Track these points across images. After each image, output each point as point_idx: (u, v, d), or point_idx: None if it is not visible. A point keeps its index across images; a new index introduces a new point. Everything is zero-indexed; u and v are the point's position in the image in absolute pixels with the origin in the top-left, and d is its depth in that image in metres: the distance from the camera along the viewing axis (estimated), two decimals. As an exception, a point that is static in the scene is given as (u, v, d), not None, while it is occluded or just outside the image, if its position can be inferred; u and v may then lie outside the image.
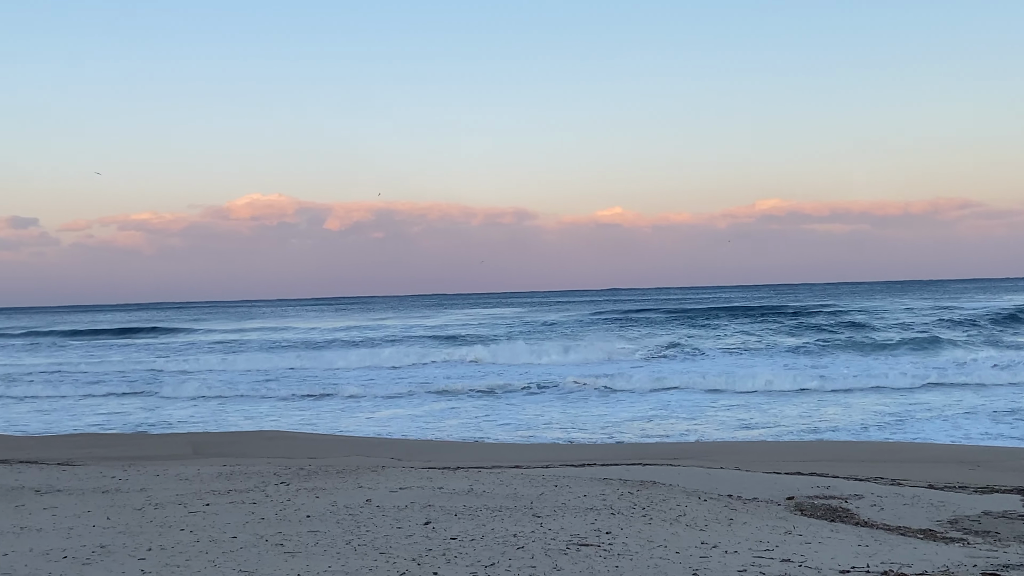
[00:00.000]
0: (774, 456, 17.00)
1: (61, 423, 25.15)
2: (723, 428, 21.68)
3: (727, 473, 14.03)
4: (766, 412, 23.86)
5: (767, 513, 10.53)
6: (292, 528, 9.50)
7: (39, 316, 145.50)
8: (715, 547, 8.57)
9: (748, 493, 12.00)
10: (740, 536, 9.12)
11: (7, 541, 9.10)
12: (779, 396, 26.92)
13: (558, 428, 22.17)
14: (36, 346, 61.93)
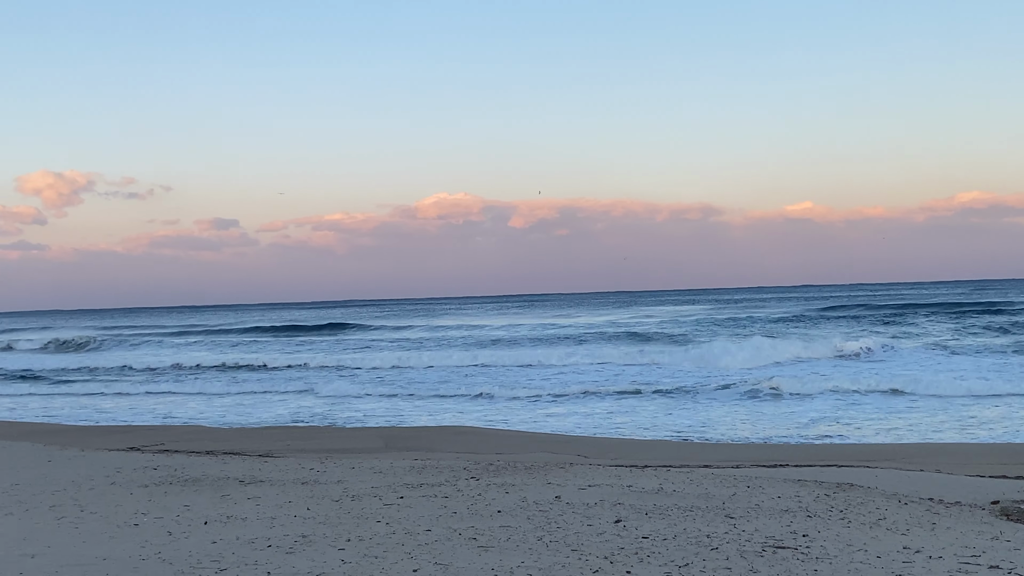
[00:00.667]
0: (975, 458, 16.28)
1: (256, 415, 26.20)
2: (918, 430, 20.89)
3: (926, 476, 13.52)
4: (964, 414, 22.87)
5: (971, 518, 10.09)
6: (484, 523, 9.63)
7: (240, 313, 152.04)
8: (918, 552, 8.27)
9: (950, 497, 11.53)
10: (944, 541, 8.76)
11: (215, 529, 9.54)
12: (981, 398, 25.76)
13: (745, 428, 21.80)
14: (236, 343, 64.69)
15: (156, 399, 31.86)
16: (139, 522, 9.96)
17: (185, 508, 10.81)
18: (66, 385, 38.20)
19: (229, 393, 32.94)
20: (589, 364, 39.66)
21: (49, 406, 30.64)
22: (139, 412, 27.86)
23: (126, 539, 9.08)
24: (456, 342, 53.99)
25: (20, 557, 8.31)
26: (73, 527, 9.76)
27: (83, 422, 25.46)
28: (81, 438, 20.04)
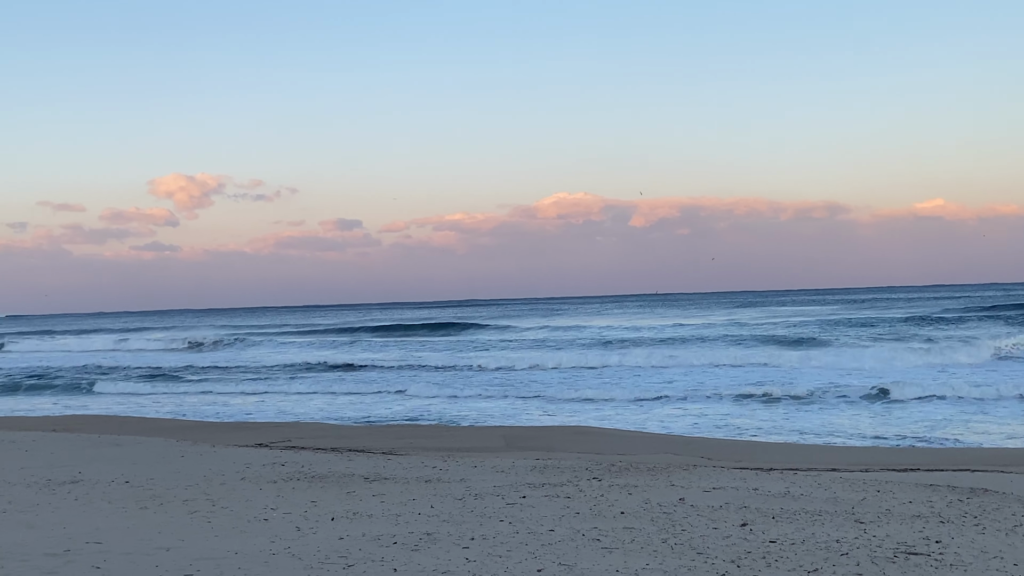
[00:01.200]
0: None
1: (377, 413, 26.57)
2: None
3: (1068, 483, 13.02)
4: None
5: (1118, 528, 9.68)
6: (607, 524, 9.61)
7: (361, 312, 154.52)
8: (1061, 563, 7.97)
9: (1093, 505, 11.08)
10: (1089, 552, 8.42)
11: (342, 525, 9.71)
12: None
13: (873, 431, 21.30)
14: (357, 342, 65.73)
15: (281, 396, 32.56)
16: (268, 517, 10.20)
17: (312, 504, 11.03)
18: (194, 383, 39.30)
19: (351, 392, 33.47)
20: (710, 365, 39.25)
21: (181, 403, 31.59)
22: (265, 409, 28.51)
23: (256, 534, 9.30)
24: (575, 342, 53.89)
25: (156, 550, 8.58)
26: (205, 521, 10.04)
27: (212, 419, 26.18)
28: (212, 434, 20.60)
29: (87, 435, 19.82)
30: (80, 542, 8.90)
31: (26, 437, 19.16)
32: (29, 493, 12.08)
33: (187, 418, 26.54)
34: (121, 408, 30.11)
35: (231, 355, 55.34)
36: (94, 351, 65.01)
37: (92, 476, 13.54)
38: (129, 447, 17.43)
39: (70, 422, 24.42)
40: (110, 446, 17.59)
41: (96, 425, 23.39)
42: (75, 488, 12.47)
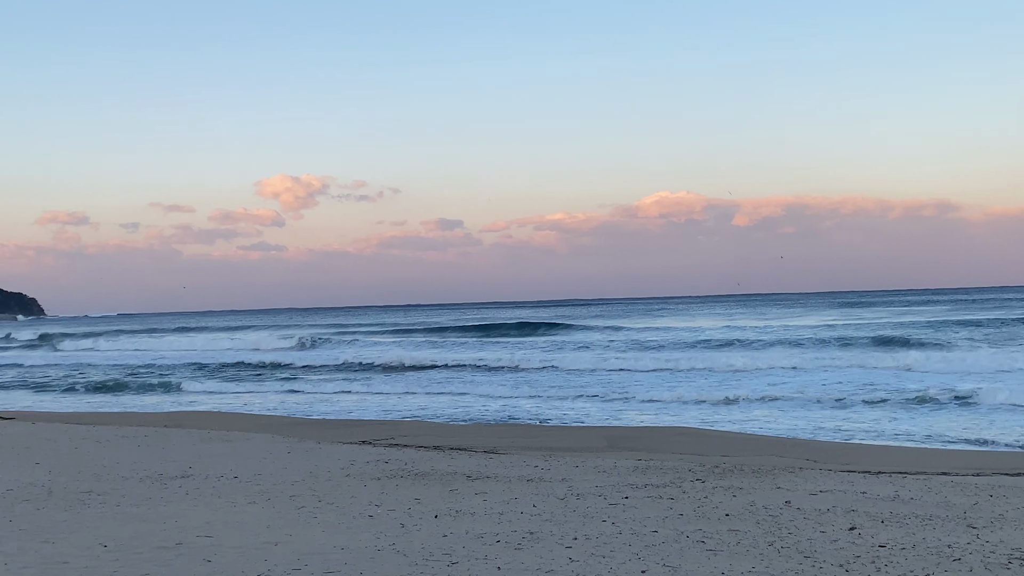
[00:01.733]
0: None
1: (476, 411, 26.68)
2: None
3: None
4: None
5: None
6: (711, 526, 9.53)
7: (461, 312, 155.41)
8: None
9: None
10: None
11: (445, 523, 9.78)
12: None
13: (985, 435, 20.71)
14: (456, 342, 66.15)
15: (382, 395, 32.91)
16: (373, 514, 10.33)
17: (416, 501, 11.14)
18: (297, 381, 39.96)
19: (450, 392, 33.70)
20: (814, 367, 38.59)
21: (284, 400, 32.14)
22: (367, 407, 28.85)
23: (362, 530, 9.43)
24: (676, 343, 53.43)
25: (264, 544, 8.75)
26: (312, 517, 10.21)
27: (316, 416, 26.58)
28: (316, 431, 20.94)
29: (197, 431, 20.29)
30: (191, 535, 9.11)
31: (138, 432, 19.70)
32: (142, 487, 12.42)
33: (292, 415, 27.00)
34: (227, 405, 30.75)
35: (332, 353, 56.04)
36: (200, 349, 66.38)
37: (202, 471, 13.87)
38: (237, 443, 17.81)
39: (180, 418, 25.04)
40: (219, 442, 17.99)
41: (205, 421, 23.95)
42: (186, 483, 12.79)
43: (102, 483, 12.79)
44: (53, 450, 16.93)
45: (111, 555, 8.24)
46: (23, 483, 12.72)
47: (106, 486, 12.50)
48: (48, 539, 8.93)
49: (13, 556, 8.19)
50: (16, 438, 18.85)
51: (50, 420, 24.25)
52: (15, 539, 8.93)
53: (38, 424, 22.36)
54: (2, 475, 13.62)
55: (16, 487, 12.38)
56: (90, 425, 22.00)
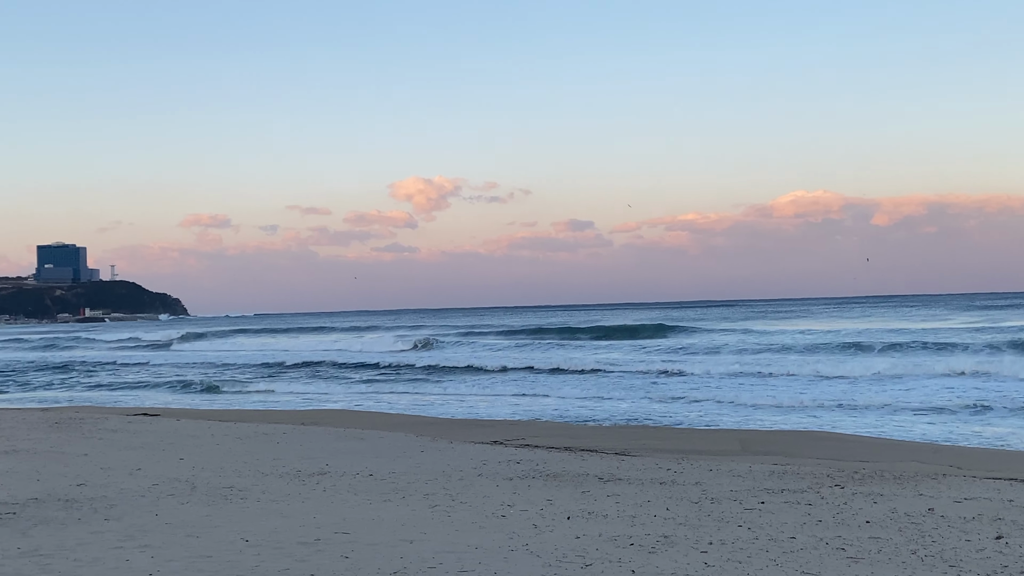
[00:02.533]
0: None
1: (603, 413, 26.54)
2: None
3: None
4: None
5: None
6: (851, 533, 9.30)
7: (590, 313, 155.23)
8: None
9: None
10: None
11: (578, 525, 9.77)
12: None
13: None
14: (580, 344, 66.08)
15: (510, 396, 33.04)
16: (506, 514, 10.38)
17: (548, 502, 11.15)
18: (424, 383, 40.44)
19: (580, 395, 33.63)
20: (954, 372, 37.36)
21: (416, 400, 32.52)
22: (496, 407, 28.99)
23: (495, 529, 9.48)
24: (812, 347, 52.27)
25: (400, 542, 8.86)
26: (446, 515, 10.30)
27: (446, 416, 26.83)
28: (449, 431, 21.13)
29: (333, 428, 20.70)
30: (329, 531, 9.29)
31: (277, 430, 20.18)
32: (281, 483, 12.72)
33: (423, 415, 27.31)
34: (353, 404, 31.25)
35: (458, 354, 56.54)
36: (325, 349, 67.34)
37: (338, 468, 14.14)
38: (372, 441, 18.11)
39: (317, 416, 25.56)
40: (354, 440, 18.32)
41: (340, 419, 24.39)
42: (323, 479, 13.05)
43: (243, 479, 13.14)
44: (196, 446, 17.47)
45: (253, 550, 8.45)
46: (168, 478, 13.15)
47: (247, 482, 12.84)
48: (192, 533, 9.20)
49: (159, 549, 8.46)
50: (161, 434, 19.51)
51: (193, 417, 25.03)
52: (161, 533, 9.23)
53: (182, 421, 23.10)
54: (148, 470, 14.11)
55: (161, 482, 12.80)
56: (231, 422, 22.63)
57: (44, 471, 14.05)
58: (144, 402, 33.69)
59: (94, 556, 8.11)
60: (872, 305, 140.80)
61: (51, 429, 20.68)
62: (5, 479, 13.19)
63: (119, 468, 14.38)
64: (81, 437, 19.05)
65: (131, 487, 12.31)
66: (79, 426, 21.24)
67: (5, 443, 17.28)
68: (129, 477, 13.37)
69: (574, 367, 44.47)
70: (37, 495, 11.53)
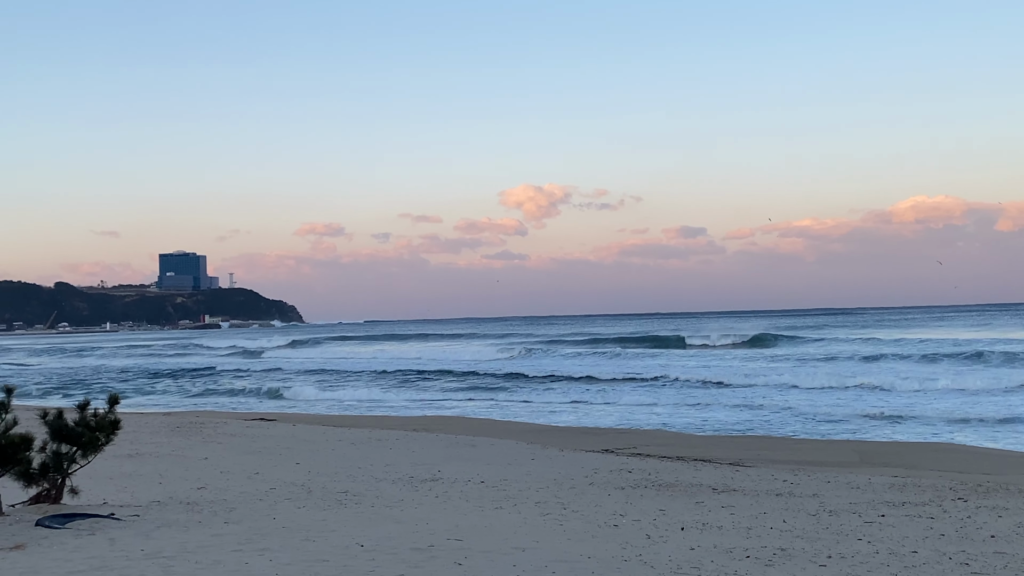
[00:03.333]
0: None
1: (713, 422, 26.19)
2: None
3: None
4: None
5: None
6: (976, 548, 9.02)
7: (699, 320, 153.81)
8: None
9: None
10: None
11: (692, 536, 9.65)
12: None
13: None
14: (684, 354, 65.48)
15: (619, 405, 32.83)
16: (618, 523, 10.31)
17: (661, 512, 11.05)
18: (526, 391, 40.48)
19: (689, 403, 33.30)
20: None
21: (524, 408, 32.54)
22: (604, 415, 28.84)
23: (607, 539, 9.42)
24: (934, 356, 50.87)
25: (512, 550, 8.86)
26: (558, 524, 10.28)
27: (559, 424, 26.79)
28: (559, 439, 21.11)
29: (444, 435, 20.85)
30: (442, 538, 9.34)
31: (390, 436, 20.41)
32: (394, 489, 12.84)
33: (533, 422, 27.32)
34: (457, 411, 31.42)
35: (564, 362, 56.47)
36: (427, 358, 67.52)
37: (450, 475, 14.22)
38: (483, 448, 18.18)
39: (428, 423, 25.78)
40: (465, 447, 18.42)
41: (451, 426, 24.57)
42: (435, 486, 13.14)
43: (357, 484, 13.31)
44: (311, 451, 17.77)
45: (367, 555, 8.53)
46: (285, 482, 13.38)
47: (361, 487, 13.00)
48: (309, 537, 9.34)
49: (276, 552, 8.60)
50: (278, 439, 19.89)
51: (308, 422, 25.45)
52: (278, 536, 9.38)
53: (298, 426, 23.53)
54: (266, 474, 14.39)
55: (279, 486, 13.04)
56: (344, 428, 22.97)
57: (166, 474, 14.43)
58: (250, 408, 34.39)
59: (214, 559, 8.28)
60: (995, 314, 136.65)
61: (172, 433, 21.24)
62: (129, 481, 13.58)
63: (238, 472, 14.69)
64: (201, 441, 19.53)
65: (249, 491, 12.56)
66: (199, 430, 21.79)
67: (129, 446, 17.78)
68: (247, 481, 13.64)
69: (683, 376, 44.04)
70: (159, 498, 11.84)
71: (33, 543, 8.68)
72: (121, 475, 14.33)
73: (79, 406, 10.95)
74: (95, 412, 10.89)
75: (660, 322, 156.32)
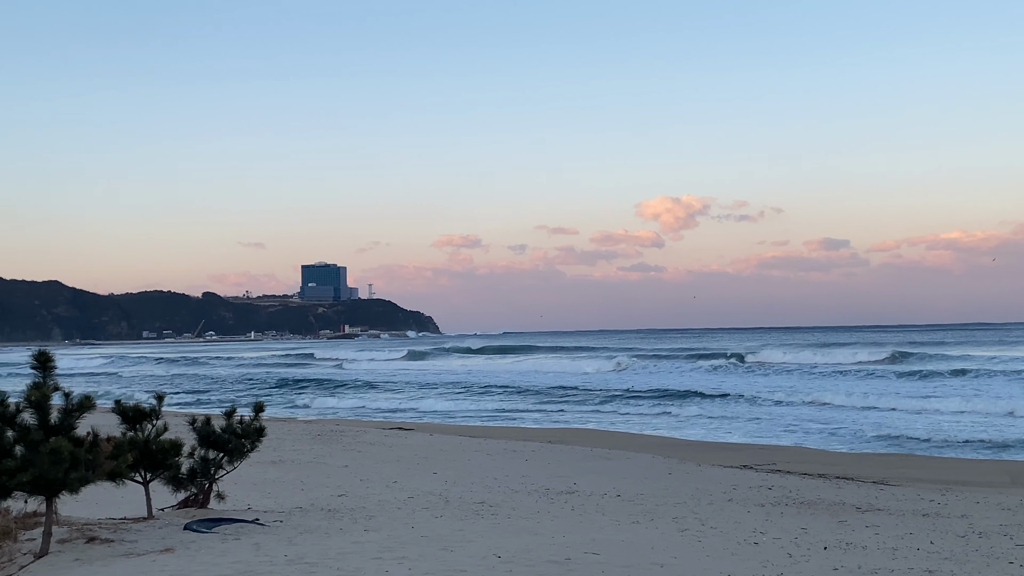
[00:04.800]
0: None
1: (853, 440, 25.49)
2: None
3: None
4: None
5: None
6: None
7: (842, 334, 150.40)
8: None
9: None
10: None
11: (835, 556, 9.39)
12: None
13: None
14: (824, 372, 64.00)
15: (744, 421, 32.24)
16: (758, 541, 10.11)
17: (802, 531, 10.80)
18: (660, 404, 40.10)
19: (831, 421, 32.52)
20: None
21: (668, 422, 32.24)
22: (739, 430, 28.36)
23: (747, 557, 9.24)
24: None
25: (651, 565, 8.77)
26: (696, 540, 10.14)
27: (694, 439, 26.47)
28: (696, 453, 20.86)
29: (579, 447, 20.81)
30: (579, 551, 9.30)
31: (526, 447, 20.47)
32: (530, 501, 12.86)
33: (671, 436, 27.05)
34: (598, 423, 31.28)
35: (696, 377, 55.83)
36: (556, 372, 67.09)
37: (586, 487, 14.18)
38: (618, 461, 18.09)
39: (563, 434, 25.77)
40: (601, 459, 18.35)
41: (585, 438, 24.51)
42: (571, 498, 13.11)
43: (493, 494, 13.38)
44: (448, 461, 17.94)
45: (505, 566, 8.55)
46: (423, 492, 13.54)
47: (497, 497, 13.06)
48: (447, 547, 9.41)
49: (415, 562, 8.68)
50: (416, 448, 20.14)
51: (445, 432, 25.72)
52: (416, 545, 9.48)
53: (435, 436, 23.80)
54: (404, 483, 14.58)
55: (417, 495, 13.19)
56: (480, 438, 23.13)
57: (308, 481, 14.75)
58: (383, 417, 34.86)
59: (355, 566, 8.40)
60: None
61: (313, 441, 21.71)
62: (272, 488, 13.93)
63: (377, 480, 14.93)
64: (341, 449, 19.91)
65: (388, 499, 12.74)
66: (339, 438, 22.22)
67: (272, 453, 18.24)
68: (386, 489, 13.85)
69: (819, 394, 43.07)
70: (302, 504, 12.10)
71: (181, 547, 8.94)
72: (265, 481, 14.71)
73: (226, 413, 11.26)
74: (241, 419, 11.20)
75: (801, 335, 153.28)
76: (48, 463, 8.26)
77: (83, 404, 8.73)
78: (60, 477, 8.37)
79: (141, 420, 10.41)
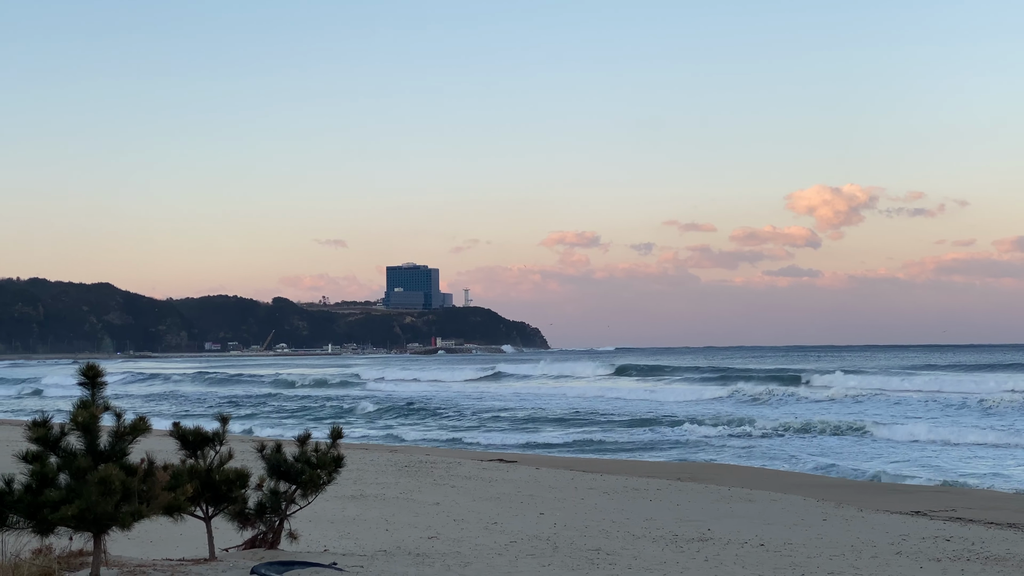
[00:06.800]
0: None
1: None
2: None
3: None
4: None
5: None
6: None
7: (1012, 353, 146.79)
8: None
9: None
10: None
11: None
12: None
13: None
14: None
15: (937, 462, 31.62)
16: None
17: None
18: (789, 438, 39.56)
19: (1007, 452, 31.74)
20: None
21: (818, 457, 31.83)
22: (909, 468, 27.83)
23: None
24: None
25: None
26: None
27: (861, 479, 26.09)
28: (857, 496, 20.55)
29: (715, 487, 20.66)
30: (714, 610, 9.24)
31: (649, 485, 20.40)
32: (655, 548, 12.81)
33: (825, 475, 26.71)
34: (735, 457, 31.01)
35: (871, 407, 55.00)
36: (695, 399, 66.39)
37: (722, 534, 14.07)
38: (762, 504, 17.91)
39: (694, 470, 25.64)
40: (741, 501, 18.19)
41: (722, 475, 24.33)
42: (704, 547, 13.03)
43: (611, 540, 13.35)
44: (557, 499, 17.97)
45: (624, 626, 8.55)
46: (527, 535, 13.57)
47: (616, 544, 13.04)
48: (555, 601, 9.44)
49: (519, 617, 8.73)
50: (520, 484, 20.22)
51: (553, 465, 25.77)
52: (521, 598, 9.52)
53: (541, 469, 23.86)
54: (506, 524, 14.64)
55: (520, 539, 13.23)
56: (596, 473, 23.12)
57: (393, 520, 14.91)
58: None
59: (447, 621, 8.48)
60: None
61: (400, 473, 21.95)
62: (353, 527, 14.10)
63: (473, 521, 15.02)
64: (432, 484, 20.08)
65: (487, 543, 12.81)
66: (430, 471, 22.41)
67: (352, 486, 18.49)
68: (484, 531, 13.92)
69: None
70: (386, 547, 12.23)
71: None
72: (344, 519, 14.91)
73: (299, 439, 11.35)
74: (316, 446, 11.31)
75: (985, 354, 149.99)
76: (96, 494, 8.41)
77: (136, 427, 8.79)
78: (110, 511, 8.52)
79: (203, 446, 10.58)
